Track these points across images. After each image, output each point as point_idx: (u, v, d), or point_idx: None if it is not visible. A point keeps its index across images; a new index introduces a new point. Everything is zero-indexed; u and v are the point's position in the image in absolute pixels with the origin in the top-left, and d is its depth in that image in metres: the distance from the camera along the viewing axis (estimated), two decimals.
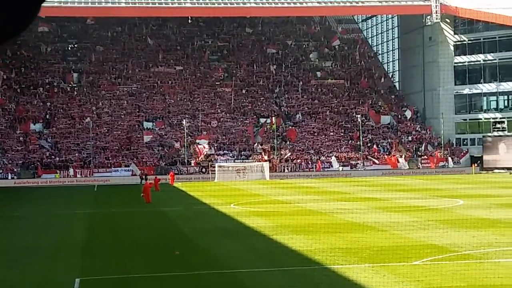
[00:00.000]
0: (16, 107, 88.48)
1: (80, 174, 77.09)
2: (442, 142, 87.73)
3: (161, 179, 60.04)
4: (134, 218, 35.04)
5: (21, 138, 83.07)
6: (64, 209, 41.93)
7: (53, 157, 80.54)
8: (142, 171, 73.41)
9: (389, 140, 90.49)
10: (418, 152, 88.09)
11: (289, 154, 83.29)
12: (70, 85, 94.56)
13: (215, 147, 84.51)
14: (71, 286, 17.19)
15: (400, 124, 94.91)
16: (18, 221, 35.09)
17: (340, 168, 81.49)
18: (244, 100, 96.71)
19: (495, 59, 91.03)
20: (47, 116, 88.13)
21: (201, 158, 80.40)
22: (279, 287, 16.99)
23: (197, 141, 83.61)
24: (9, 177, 75.07)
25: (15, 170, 76.91)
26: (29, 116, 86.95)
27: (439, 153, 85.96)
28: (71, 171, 77.14)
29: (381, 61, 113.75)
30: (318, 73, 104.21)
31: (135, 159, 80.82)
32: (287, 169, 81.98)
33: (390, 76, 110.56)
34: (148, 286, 17.50)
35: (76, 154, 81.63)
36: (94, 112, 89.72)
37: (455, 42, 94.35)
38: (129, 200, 48.30)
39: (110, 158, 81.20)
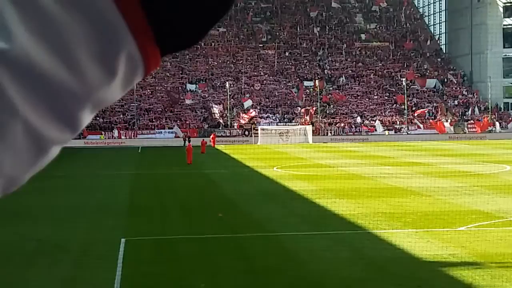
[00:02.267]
0: None
1: (124, 136, 78.03)
2: (490, 107, 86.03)
3: (206, 142, 60.58)
4: (178, 180, 35.33)
5: None
6: (109, 170, 42.53)
7: (97, 118, 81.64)
8: (185, 133, 73.90)
9: (434, 104, 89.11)
10: (465, 117, 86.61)
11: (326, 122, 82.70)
12: None
13: (258, 110, 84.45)
14: (117, 246, 17.44)
15: (446, 88, 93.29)
16: (64, 181, 35.70)
17: (386, 132, 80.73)
18: (287, 63, 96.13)
19: None
20: None
21: (246, 121, 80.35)
22: (322, 250, 16.96)
23: (244, 103, 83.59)
24: None
25: None
26: None
27: (487, 118, 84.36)
28: (115, 132, 78.11)
29: (427, 23, 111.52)
30: (363, 36, 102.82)
31: (178, 121, 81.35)
32: (331, 132, 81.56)
33: (437, 39, 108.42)
34: (191, 247, 17.66)
35: (121, 116, 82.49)
36: None
37: (504, 3, 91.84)
38: (172, 161, 48.72)
39: (153, 120, 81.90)
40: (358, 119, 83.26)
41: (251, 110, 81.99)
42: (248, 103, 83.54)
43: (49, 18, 0.62)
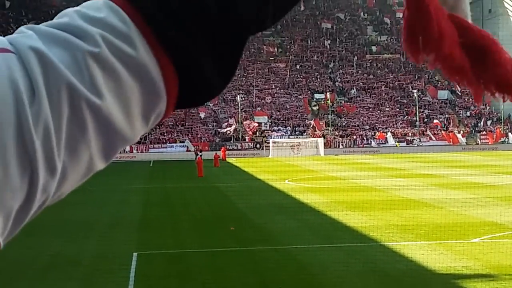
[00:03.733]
0: None
1: (136, 150, 78.24)
2: (502, 118, 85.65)
3: (219, 155, 60.68)
4: (189, 193, 35.36)
5: None
6: (120, 184, 42.60)
7: None
8: (196, 147, 73.94)
9: (446, 115, 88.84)
10: (477, 128, 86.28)
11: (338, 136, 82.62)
12: None
13: (269, 123, 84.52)
14: (129, 260, 17.45)
15: (458, 99, 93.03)
16: (76, 195, 35.75)
17: (397, 144, 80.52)
18: (298, 76, 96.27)
19: None
20: None
21: (255, 134, 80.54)
22: (334, 263, 16.88)
23: (255, 117, 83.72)
24: None
25: None
26: None
27: (499, 129, 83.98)
28: (127, 146, 78.32)
29: None
30: (373, 48, 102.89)
31: (189, 135, 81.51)
32: (342, 145, 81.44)
33: None
34: (202, 261, 17.63)
35: None
36: None
37: None
38: (184, 175, 48.77)
39: (165, 134, 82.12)
40: (373, 144, 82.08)
41: (255, 122, 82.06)
42: (263, 118, 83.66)
43: (122, 81, 0.84)
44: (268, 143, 76.54)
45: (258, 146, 79.31)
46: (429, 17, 0.98)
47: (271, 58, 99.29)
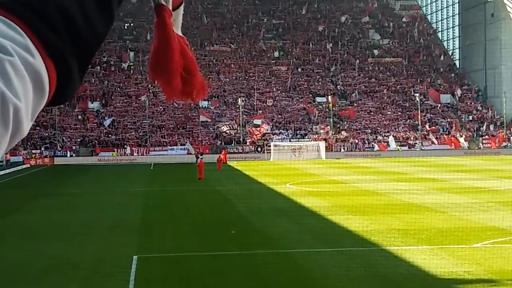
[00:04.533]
0: None
1: (136, 153, 78.08)
2: (505, 122, 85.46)
3: (221, 159, 60.64)
4: (190, 197, 35.25)
5: (79, 117, 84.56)
6: (121, 187, 42.51)
7: (110, 135, 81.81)
8: (197, 150, 73.77)
9: (448, 119, 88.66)
10: (479, 132, 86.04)
11: (346, 135, 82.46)
12: (126, 64, 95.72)
13: (271, 126, 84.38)
14: (129, 263, 17.35)
15: (460, 103, 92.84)
16: (77, 198, 35.75)
17: (398, 148, 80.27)
18: (300, 79, 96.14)
19: None
20: (105, 95, 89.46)
21: (258, 137, 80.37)
22: (335, 267, 16.77)
23: (254, 121, 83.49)
24: (68, 155, 76.65)
25: (74, 148, 78.46)
26: (87, 94, 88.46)
27: (502, 134, 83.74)
28: (128, 149, 78.20)
29: (440, 38, 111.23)
30: (375, 51, 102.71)
31: (190, 138, 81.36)
32: (344, 148, 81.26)
33: (450, 54, 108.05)
34: (203, 264, 17.53)
35: (133, 133, 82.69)
36: (150, 91, 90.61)
37: None
38: (184, 178, 48.66)
39: (166, 137, 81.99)
40: (375, 148, 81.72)
41: (263, 126, 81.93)
42: (258, 121, 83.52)
43: (27, 85, 0.96)
44: (269, 146, 76.40)
45: (259, 149, 79.12)
46: (171, 58, 1.24)
47: (272, 61, 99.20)
